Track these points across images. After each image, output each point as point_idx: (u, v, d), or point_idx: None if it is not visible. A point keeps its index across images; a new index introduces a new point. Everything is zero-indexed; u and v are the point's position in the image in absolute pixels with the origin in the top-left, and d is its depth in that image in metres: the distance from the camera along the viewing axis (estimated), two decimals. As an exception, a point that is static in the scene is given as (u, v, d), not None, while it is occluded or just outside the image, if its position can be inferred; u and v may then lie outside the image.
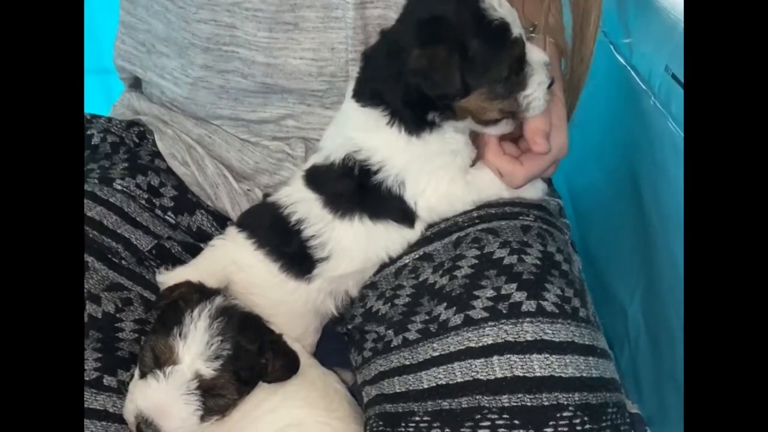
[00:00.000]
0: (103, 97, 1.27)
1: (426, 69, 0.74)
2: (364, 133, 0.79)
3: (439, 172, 0.80)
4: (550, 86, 0.78)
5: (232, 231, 0.85)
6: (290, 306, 0.83)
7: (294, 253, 0.82)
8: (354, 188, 0.80)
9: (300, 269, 0.82)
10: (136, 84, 1.01)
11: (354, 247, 0.81)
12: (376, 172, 0.79)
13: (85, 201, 0.83)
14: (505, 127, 0.80)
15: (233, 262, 0.82)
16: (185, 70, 0.90)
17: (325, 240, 0.81)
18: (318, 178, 0.82)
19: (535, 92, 0.78)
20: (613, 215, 1.03)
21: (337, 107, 0.85)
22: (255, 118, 0.90)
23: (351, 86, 0.82)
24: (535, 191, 0.83)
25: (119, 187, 0.87)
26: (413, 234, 0.82)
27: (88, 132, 0.95)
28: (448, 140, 0.79)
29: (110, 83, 1.37)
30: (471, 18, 0.74)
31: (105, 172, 0.89)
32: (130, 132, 0.96)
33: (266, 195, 0.88)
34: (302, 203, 0.82)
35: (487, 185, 0.81)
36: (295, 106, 0.89)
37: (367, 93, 0.79)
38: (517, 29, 0.76)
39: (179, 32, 0.88)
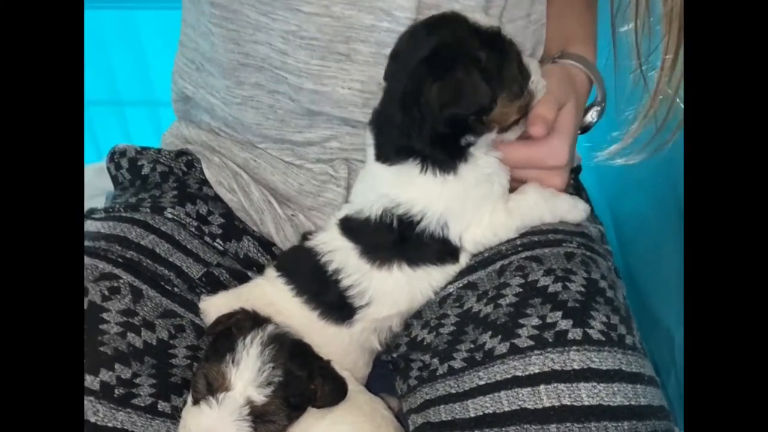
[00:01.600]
0: (152, 128, 1.31)
1: (455, 95, 0.75)
2: (399, 189, 0.80)
3: (480, 206, 0.80)
4: None
5: (271, 273, 0.86)
6: (333, 347, 0.83)
7: (333, 302, 0.82)
8: (394, 240, 0.80)
9: (340, 316, 0.83)
10: (185, 113, 1.03)
11: (396, 291, 0.82)
12: (419, 222, 0.79)
13: (138, 230, 0.86)
14: (521, 128, 0.81)
15: (271, 304, 0.83)
16: (232, 91, 0.92)
17: (363, 289, 0.81)
18: (354, 229, 0.83)
19: (536, 75, 0.80)
20: (657, 240, 1.02)
21: None
22: (300, 139, 0.91)
23: (371, 151, 0.82)
24: (577, 213, 0.84)
25: (170, 216, 0.89)
26: (457, 267, 0.82)
27: (139, 163, 0.98)
28: (482, 166, 0.79)
29: (159, 115, 1.41)
30: (469, 34, 0.76)
31: (156, 201, 0.91)
32: (178, 161, 0.98)
33: (305, 236, 0.88)
34: (339, 252, 0.82)
35: (530, 210, 0.82)
36: (340, 128, 0.89)
37: (391, 152, 0.79)
38: (506, 33, 0.78)
39: (224, 54, 0.89)
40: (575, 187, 0.96)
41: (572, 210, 0.83)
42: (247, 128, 0.94)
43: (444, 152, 0.78)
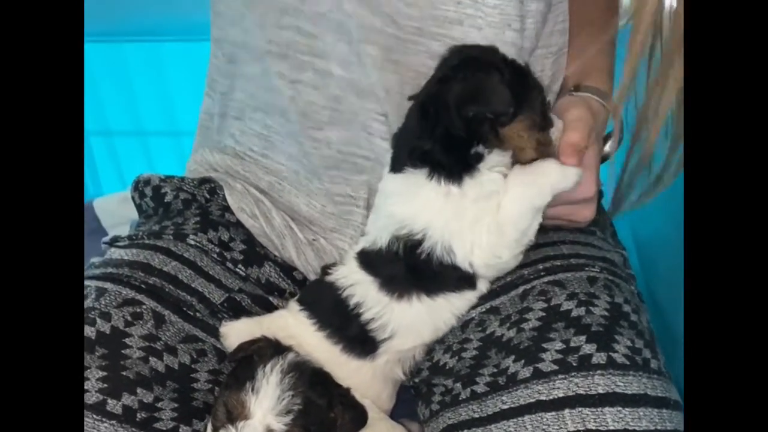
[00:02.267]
0: (176, 158, 1.32)
1: (475, 92, 0.75)
2: (403, 202, 0.79)
3: (476, 225, 0.78)
4: None
5: (293, 307, 0.86)
6: (356, 381, 0.83)
7: (355, 336, 0.82)
8: (405, 269, 0.80)
9: (363, 350, 0.83)
10: (209, 140, 1.04)
11: (418, 322, 0.81)
12: (421, 242, 0.78)
13: (162, 257, 0.87)
14: None
15: (293, 337, 0.83)
16: (266, 77, 0.91)
17: (385, 322, 0.81)
18: (370, 261, 0.82)
19: (556, 130, 0.80)
20: (680, 263, 1.01)
21: None
22: (320, 136, 0.91)
23: (386, 170, 0.82)
24: (568, 179, 0.78)
25: (192, 242, 0.90)
26: (476, 293, 0.82)
27: (162, 191, 0.99)
28: (485, 183, 0.78)
29: (183, 145, 1.42)
30: (498, 58, 0.77)
31: (179, 228, 0.92)
32: (201, 189, 0.99)
33: (325, 270, 0.88)
34: (359, 286, 0.82)
35: (517, 209, 0.78)
36: (359, 132, 0.89)
37: (403, 158, 0.79)
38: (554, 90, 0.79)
39: (255, 40, 0.89)
40: (600, 213, 0.95)
41: (562, 179, 0.78)
42: (271, 144, 0.94)
43: (453, 158, 0.77)
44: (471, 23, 0.80)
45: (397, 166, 0.80)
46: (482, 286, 0.82)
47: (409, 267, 0.79)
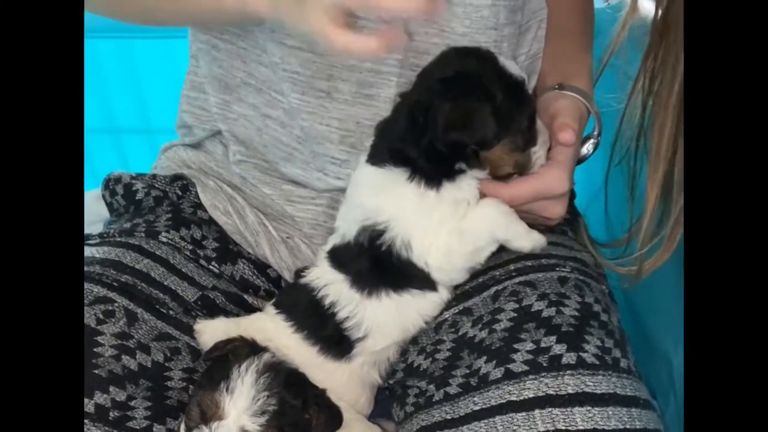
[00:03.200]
0: (149, 156, 1.31)
1: (462, 120, 0.76)
2: (375, 195, 0.80)
3: (439, 227, 0.79)
4: (549, 150, 0.83)
5: (270, 310, 0.86)
6: (334, 384, 0.83)
7: (331, 336, 0.82)
8: (370, 263, 0.81)
9: (338, 351, 0.83)
10: (188, 133, 1.04)
11: (389, 321, 0.82)
12: (382, 233, 0.79)
13: (134, 254, 0.86)
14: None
15: (271, 340, 0.83)
16: (229, 106, 0.93)
17: (359, 320, 0.81)
18: (340, 258, 0.83)
19: (540, 150, 0.82)
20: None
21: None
22: (283, 170, 0.92)
23: (363, 157, 0.83)
24: (529, 241, 0.82)
25: (165, 240, 0.90)
26: (439, 297, 0.82)
27: (133, 189, 0.98)
28: (463, 189, 0.80)
29: (156, 143, 1.41)
30: (494, 74, 0.78)
31: (150, 225, 0.92)
32: (173, 186, 0.98)
33: (298, 273, 0.89)
34: (332, 285, 0.83)
35: (486, 227, 0.80)
36: (316, 161, 0.90)
37: (384, 154, 0.80)
38: (529, 87, 0.81)
39: (228, 70, 0.90)
40: (572, 213, 0.96)
41: (524, 236, 0.82)
42: (241, 142, 0.94)
43: (435, 168, 0.78)
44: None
45: (376, 159, 0.81)
46: (443, 293, 0.83)
47: (373, 260, 0.80)
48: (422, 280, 0.81)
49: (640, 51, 0.86)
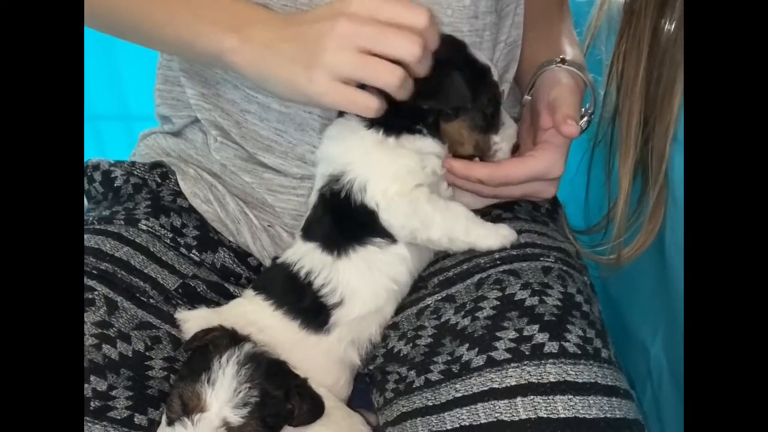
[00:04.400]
0: (127, 143, 1.30)
1: (435, 89, 0.79)
2: (335, 144, 0.83)
3: (406, 176, 0.81)
4: (515, 151, 0.86)
5: (249, 293, 0.87)
6: (314, 361, 0.83)
7: (309, 306, 0.83)
8: (332, 217, 0.82)
9: (318, 322, 0.83)
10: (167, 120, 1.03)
11: (361, 285, 0.83)
12: (339, 178, 0.81)
13: (113, 242, 0.85)
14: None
15: (253, 324, 0.83)
16: (207, 99, 0.93)
17: (334, 285, 0.82)
18: (311, 228, 0.85)
19: (504, 142, 0.85)
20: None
21: None
22: (262, 160, 0.93)
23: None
24: (495, 239, 0.83)
25: (144, 228, 0.89)
26: (401, 253, 0.83)
27: (112, 176, 0.97)
28: (423, 146, 0.82)
29: (134, 129, 1.40)
30: (461, 57, 0.82)
31: (129, 213, 0.91)
32: (152, 173, 0.98)
33: (275, 259, 0.90)
34: (306, 256, 0.84)
35: (446, 212, 0.81)
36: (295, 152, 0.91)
37: None
38: (495, 76, 0.83)
39: (208, 67, 0.90)
40: (552, 203, 0.97)
41: (490, 235, 0.83)
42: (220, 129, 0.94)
43: (396, 122, 0.80)
44: None
45: (342, 112, 0.84)
46: (403, 249, 0.83)
47: (334, 213, 0.82)
48: (378, 228, 0.82)
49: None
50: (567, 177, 0.86)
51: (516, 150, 0.87)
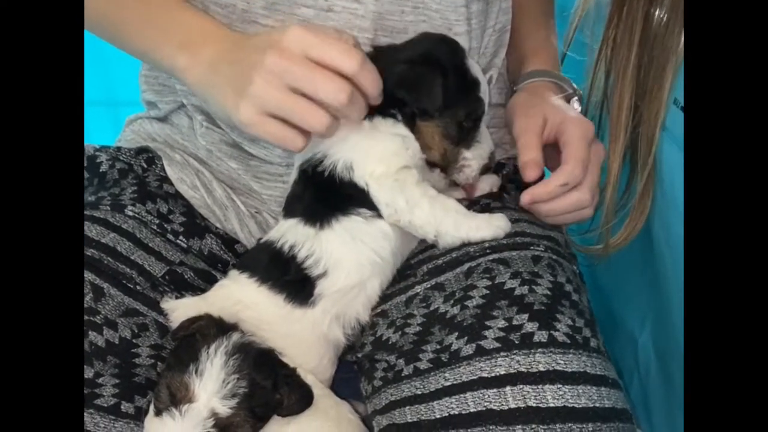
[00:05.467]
0: (112, 128, 1.29)
1: (412, 82, 0.80)
2: None
3: (391, 158, 0.81)
4: (485, 172, 0.87)
5: (233, 273, 0.86)
6: (299, 336, 0.83)
7: (294, 279, 0.83)
8: (314, 192, 0.83)
9: (303, 294, 0.83)
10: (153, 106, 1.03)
11: (345, 255, 0.82)
12: (321, 161, 0.81)
13: (99, 228, 0.84)
14: (435, 177, 0.86)
15: (239, 302, 0.83)
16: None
17: (318, 256, 0.82)
18: (291, 204, 0.86)
19: (474, 161, 0.85)
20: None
21: None
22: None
23: None
24: (488, 230, 0.83)
25: (131, 213, 0.88)
26: (385, 226, 0.82)
27: (97, 161, 0.96)
28: (398, 129, 0.82)
29: (120, 115, 1.38)
30: (456, 64, 0.82)
31: (115, 199, 0.90)
32: (138, 158, 0.97)
33: (259, 240, 0.90)
34: (289, 232, 0.84)
35: (434, 203, 0.81)
36: None
37: None
38: (484, 95, 0.84)
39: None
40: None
41: (482, 226, 0.83)
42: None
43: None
44: (415, 29, 0.86)
45: None
46: (385, 224, 0.82)
47: (317, 188, 0.82)
48: (365, 201, 0.82)
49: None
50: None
51: (487, 171, 0.87)
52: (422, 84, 0.80)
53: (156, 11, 0.83)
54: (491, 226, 0.83)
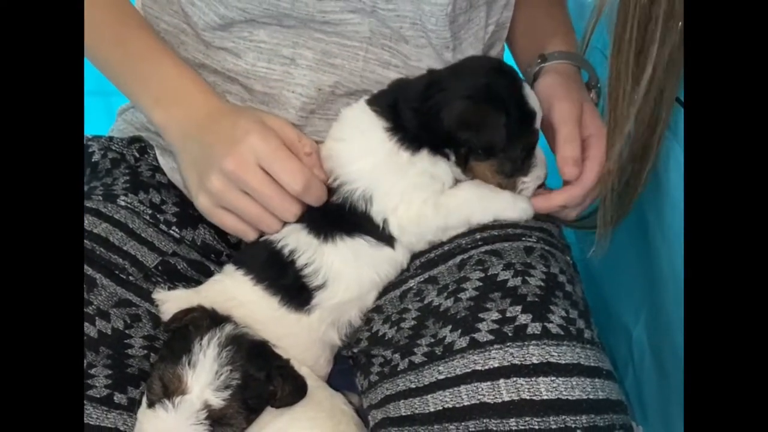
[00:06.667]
0: (105, 118, 1.28)
1: (477, 122, 0.78)
2: (347, 140, 0.83)
3: (413, 192, 0.80)
4: (541, 186, 0.85)
5: (229, 268, 0.86)
6: (294, 339, 0.83)
7: (291, 284, 0.82)
8: (322, 207, 0.82)
9: (299, 301, 0.82)
10: None
11: (345, 271, 0.82)
12: (342, 185, 0.81)
13: (91, 218, 0.84)
14: None
15: (233, 298, 0.82)
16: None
17: (317, 267, 0.81)
18: None
19: (531, 182, 0.84)
20: (616, 237, 1.03)
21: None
22: None
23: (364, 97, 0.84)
24: (514, 210, 0.83)
25: (123, 203, 0.87)
26: (396, 255, 0.82)
27: (89, 150, 0.96)
28: (438, 165, 0.81)
29: (112, 105, 1.38)
30: (514, 97, 0.81)
31: (108, 189, 0.89)
32: (130, 148, 0.96)
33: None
34: (291, 235, 0.83)
35: (458, 207, 0.82)
36: None
37: (382, 100, 0.82)
38: (538, 123, 0.83)
39: (192, 53, 0.89)
40: None
41: (508, 208, 0.83)
42: None
43: (422, 135, 0.80)
44: (415, 43, 0.85)
45: (372, 100, 0.83)
46: (400, 254, 0.83)
47: (326, 205, 0.82)
48: (373, 232, 0.81)
49: None
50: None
51: (541, 186, 0.86)
52: (485, 125, 0.79)
53: (133, 59, 0.86)
54: (516, 207, 0.83)
